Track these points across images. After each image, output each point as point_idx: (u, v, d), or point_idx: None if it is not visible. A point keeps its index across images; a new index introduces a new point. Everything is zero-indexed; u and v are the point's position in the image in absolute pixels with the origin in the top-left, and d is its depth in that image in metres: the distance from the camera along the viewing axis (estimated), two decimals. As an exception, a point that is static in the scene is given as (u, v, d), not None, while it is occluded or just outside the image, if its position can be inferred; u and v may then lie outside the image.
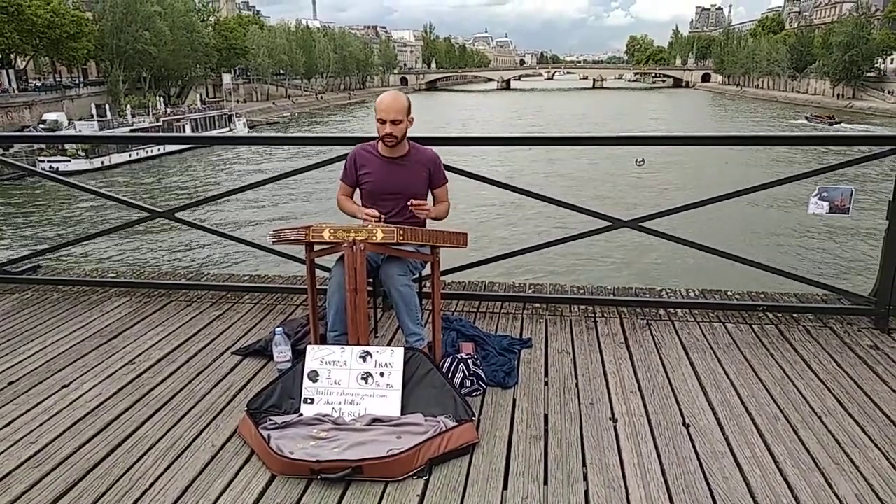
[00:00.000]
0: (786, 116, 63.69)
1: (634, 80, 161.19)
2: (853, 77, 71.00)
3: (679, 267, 15.93)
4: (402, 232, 2.91)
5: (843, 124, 54.69)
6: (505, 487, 2.40)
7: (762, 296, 4.19)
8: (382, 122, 3.27)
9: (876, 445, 2.63)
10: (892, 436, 2.70)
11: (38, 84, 55.23)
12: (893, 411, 2.89)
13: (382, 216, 3.22)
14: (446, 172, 3.56)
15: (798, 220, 20.97)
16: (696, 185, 25.79)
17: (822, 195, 3.66)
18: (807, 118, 59.02)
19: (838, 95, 72.01)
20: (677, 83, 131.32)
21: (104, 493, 2.39)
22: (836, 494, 2.33)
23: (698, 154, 30.31)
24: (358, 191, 3.52)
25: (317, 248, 3.17)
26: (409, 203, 3.25)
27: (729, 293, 4.24)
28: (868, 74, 71.64)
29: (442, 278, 3.36)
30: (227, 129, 51.77)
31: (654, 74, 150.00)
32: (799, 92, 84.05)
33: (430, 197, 3.49)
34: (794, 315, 3.96)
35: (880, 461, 2.52)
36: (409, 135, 3.41)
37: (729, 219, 19.65)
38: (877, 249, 3.90)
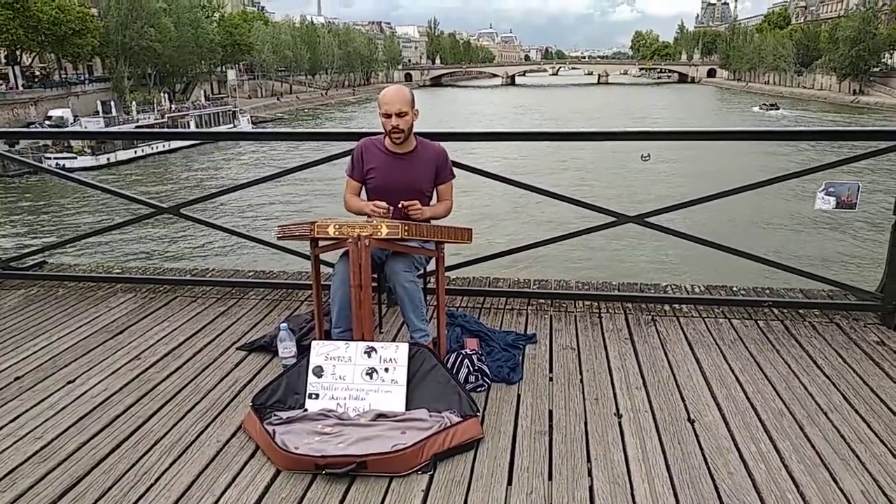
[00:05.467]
0: (750, 105, 70.28)
1: (639, 76, 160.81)
2: (860, 72, 70.68)
3: (684, 262, 15.89)
4: (406, 228, 2.90)
5: (781, 111, 63.04)
6: (509, 483, 2.40)
7: (767, 291, 4.17)
8: (387, 115, 3.18)
9: (882, 441, 2.62)
10: (898, 432, 2.69)
11: (44, 80, 55.28)
12: (900, 407, 2.87)
13: (391, 209, 3.18)
14: (454, 169, 3.50)
15: (804, 215, 20.89)
16: (701, 180, 25.70)
17: (829, 190, 3.64)
18: (759, 107, 66.78)
19: (854, 91, 71.71)
20: (682, 78, 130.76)
21: (110, 488, 2.39)
22: (841, 490, 2.32)
23: (703, 149, 30.23)
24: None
25: (322, 243, 3.16)
26: (399, 205, 3.18)
27: (734, 289, 4.23)
28: (875, 69, 71.19)
29: (446, 274, 3.35)
30: (231, 125, 51.85)
31: (659, 70, 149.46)
32: (804, 87, 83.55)
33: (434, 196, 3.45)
34: (800, 311, 3.95)
35: (886, 457, 2.51)
36: (415, 130, 3.38)
37: (734, 214, 19.58)
38: (883, 245, 3.87)
